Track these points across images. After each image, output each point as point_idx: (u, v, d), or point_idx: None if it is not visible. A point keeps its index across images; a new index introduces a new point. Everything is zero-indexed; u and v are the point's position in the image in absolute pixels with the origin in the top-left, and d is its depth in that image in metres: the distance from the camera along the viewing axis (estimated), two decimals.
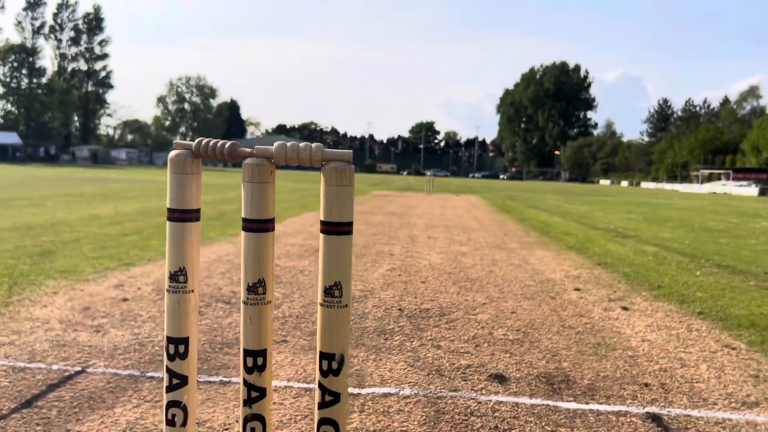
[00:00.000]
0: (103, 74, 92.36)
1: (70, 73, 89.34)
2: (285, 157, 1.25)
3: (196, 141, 1.31)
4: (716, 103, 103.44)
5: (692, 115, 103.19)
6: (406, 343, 3.73)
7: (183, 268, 1.36)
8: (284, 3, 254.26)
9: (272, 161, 1.28)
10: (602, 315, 4.65)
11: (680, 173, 79.19)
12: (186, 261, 1.36)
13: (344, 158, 1.22)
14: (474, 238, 9.34)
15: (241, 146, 1.31)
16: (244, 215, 1.31)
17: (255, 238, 1.31)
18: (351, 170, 1.21)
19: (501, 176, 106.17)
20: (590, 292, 5.48)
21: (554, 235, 10.21)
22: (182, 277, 1.36)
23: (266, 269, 1.31)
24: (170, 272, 1.37)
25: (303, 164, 1.24)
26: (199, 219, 1.41)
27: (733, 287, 5.90)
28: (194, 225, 1.37)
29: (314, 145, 1.25)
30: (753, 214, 19.92)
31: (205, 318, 4.07)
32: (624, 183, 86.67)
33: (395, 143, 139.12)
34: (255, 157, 1.27)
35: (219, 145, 1.27)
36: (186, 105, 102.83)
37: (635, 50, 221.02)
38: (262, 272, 1.31)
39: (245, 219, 1.31)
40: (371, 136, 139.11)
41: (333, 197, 1.22)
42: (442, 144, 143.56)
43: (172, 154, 1.33)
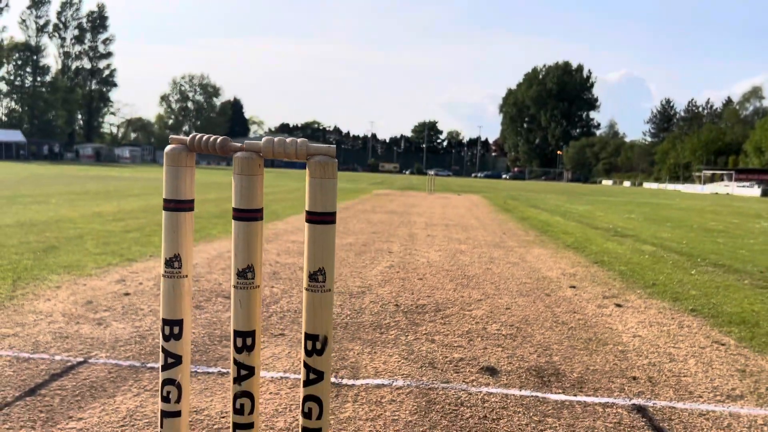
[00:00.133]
0: (107, 72, 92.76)
1: (74, 72, 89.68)
2: (272, 152, 1.34)
3: (190, 136, 1.40)
4: (719, 104, 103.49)
5: (695, 116, 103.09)
6: (401, 337, 3.81)
7: (177, 255, 1.45)
8: (288, 3, 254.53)
9: (260, 155, 1.37)
10: (596, 311, 4.72)
11: (683, 174, 79.14)
12: (180, 248, 1.45)
13: (327, 153, 1.30)
14: (473, 237, 9.42)
15: (232, 141, 1.40)
16: (235, 205, 1.40)
17: (244, 227, 1.40)
18: (334, 164, 1.30)
19: (503, 176, 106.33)
20: (585, 290, 5.55)
21: (553, 234, 10.28)
22: (177, 263, 1.46)
23: (255, 256, 1.40)
24: (166, 258, 1.47)
25: (290, 158, 1.33)
26: (193, 209, 1.50)
27: (727, 285, 5.96)
28: (188, 215, 1.46)
29: (299, 141, 1.33)
30: (754, 215, 19.95)
31: (205, 312, 4.16)
32: (626, 183, 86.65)
33: (398, 142, 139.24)
34: (245, 151, 1.36)
35: (212, 140, 1.36)
36: (189, 103, 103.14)
37: (638, 50, 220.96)
38: (251, 258, 1.40)
39: (235, 209, 1.40)
40: (374, 136, 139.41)
41: (317, 189, 1.31)
42: (445, 144, 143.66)
43: (168, 149, 1.43)
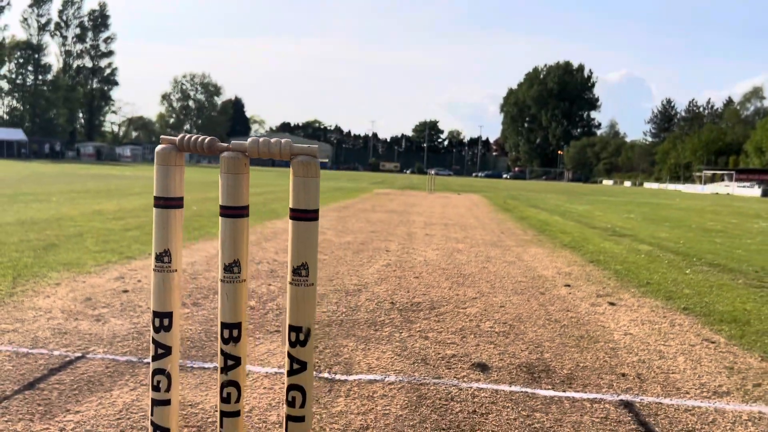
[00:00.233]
0: (108, 71, 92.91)
1: (76, 70, 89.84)
2: (258, 151, 1.39)
3: (179, 136, 1.46)
4: (720, 104, 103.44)
5: (695, 116, 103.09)
6: (395, 334, 3.86)
7: (167, 250, 1.51)
8: (289, 2, 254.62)
9: (246, 155, 1.42)
10: (589, 310, 4.77)
11: (683, 174, 79.16)
12: (170, 243, 1.51)
13: (310, 153, 1.36)
14: (471, 236, 9.47)
15: (219, 141, 1.45)
16: (222, 202, 1.46)
17: (231, 223, 1.45)
18: (316, 163, 1.35)
19: (504, 176, 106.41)
20: (580, 288, 5.60)
21: (551, 234, 10.32)
22: (167, 258, 1.51)
23: (241, 251, 1.46)
24: (156, 253, 1.53)
25: (274, 158, 1.38)
26: (182, 206, 1.56)
27: (721, 285, 6.01)
28: (177, 211, 1.52)
29: (283, 141, 1.39)
30: (753, 215, 19.99)
31: (202, 309, 4.22)
32: (627, 183, 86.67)
33: (399, 142, 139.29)
34: (231, 151, 1.42)
35: (200, 140, 1.42)
36: (191, 102, 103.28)
37: (639, 50, 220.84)
38: (238, 253, 1.45)
39: (222, 206, 1.46)
40: (375, 135, 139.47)
41: (300, 187, 1.36)
42: (446, 143, 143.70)
43: (158, 148, 1.49)
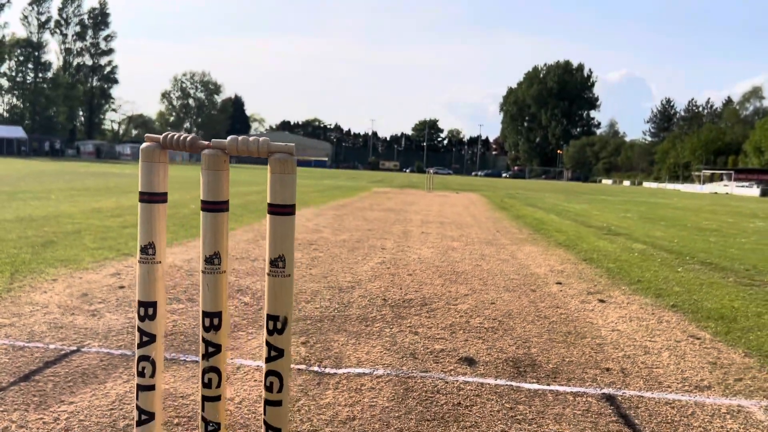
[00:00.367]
0: (108, 69, 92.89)
1: (76, 68, 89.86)
2: (236, 149, 1.46)
3: (163, 135, 1.53)
4: (719, 104, 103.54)
5: (695, 116, 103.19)
6: (386, 330, 3.93)
7: (152, 243, 1.59)
8: (289, 1, 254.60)
9: (225, 152, 1.50)
10: (578, 307, 4.84)
11: (682, 173, 79.25)
12: (154, 236, 1.59)
13: (287, 150, 1.43)
14: (466, 234, 9.54)
15: (201, 139, 1.53)
16: (203, 197, 1.54)
17: (211, 217, 1.53)
18: (292, 161, 1.42)
19: (504, 174, 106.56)
20: (571, 286, 5.67)
21: (546, 232, 10.40)
22: (151, 250, 1.59)
23: (221, 244, 1.53)
24: (141, 246, 1.60)
25: (252, 155, 1.46)
26: (166, 201, 1.63)
27: (711, 283, 6.08)
28: (161, 206, 1.60)
29: (261, 139, 1.46)
30: (750, 215, 20.07)
31: (197, 305, 4.28)
32: (626, 182, 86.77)
33: (398, 141, 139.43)
34: (211, 149, 1.49)
35: (182, 138, 1.49)
36: (190, 101, 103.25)
37: (639, 50, 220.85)
38: (218, 246, 1.53)
39: (203, 201, 1.54)
40: (375, 134, 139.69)
41: (277, 183, 1.43)
42: (445, 142, 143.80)
43: (143, 146, 1.57)
